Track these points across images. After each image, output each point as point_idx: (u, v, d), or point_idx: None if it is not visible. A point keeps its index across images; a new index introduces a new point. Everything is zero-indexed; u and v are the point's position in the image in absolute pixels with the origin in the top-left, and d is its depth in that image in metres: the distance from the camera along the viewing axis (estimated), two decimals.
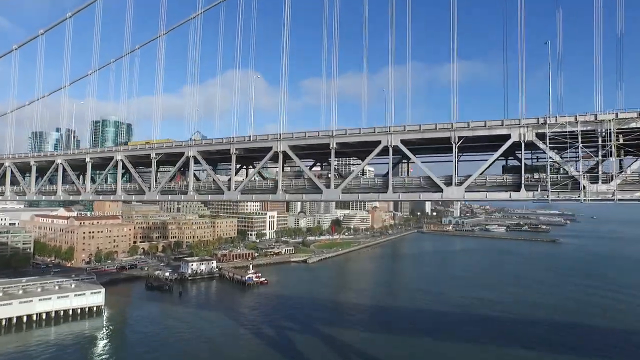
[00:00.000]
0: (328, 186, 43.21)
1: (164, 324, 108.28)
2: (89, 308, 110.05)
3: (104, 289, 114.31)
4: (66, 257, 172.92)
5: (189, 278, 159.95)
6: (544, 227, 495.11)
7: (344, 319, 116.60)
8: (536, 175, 36.56)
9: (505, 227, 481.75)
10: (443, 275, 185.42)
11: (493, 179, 38.53)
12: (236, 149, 47.04)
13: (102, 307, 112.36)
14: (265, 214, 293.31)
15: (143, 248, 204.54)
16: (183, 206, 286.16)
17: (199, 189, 49.96)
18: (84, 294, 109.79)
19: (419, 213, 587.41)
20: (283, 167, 52.22)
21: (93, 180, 58.18)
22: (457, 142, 38.70)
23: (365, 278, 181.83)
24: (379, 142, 41.01)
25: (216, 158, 53.63)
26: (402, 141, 40.41)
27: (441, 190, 38.91)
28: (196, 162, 51.83)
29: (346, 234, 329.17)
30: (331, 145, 42.69)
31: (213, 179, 48.81)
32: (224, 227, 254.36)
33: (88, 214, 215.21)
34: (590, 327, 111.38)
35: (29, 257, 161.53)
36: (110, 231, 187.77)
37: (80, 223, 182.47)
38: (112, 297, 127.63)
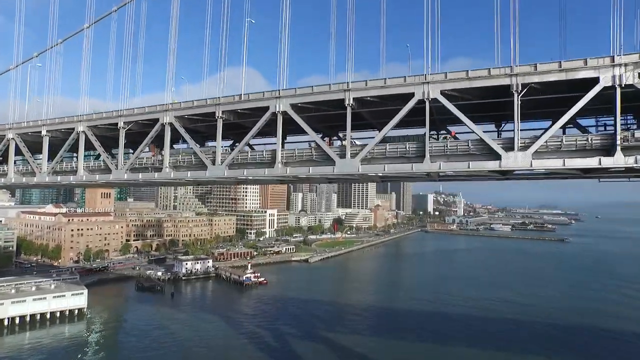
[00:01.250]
0: (343, 156, 32.86)
1: (152, 327, 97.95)
2: (70, 311, 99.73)
3: (86, 290, 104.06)
4: (53, 256, 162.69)
5: (183, 278, 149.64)
6: (549, 226, 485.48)
7: (347, 322, 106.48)
8: (637, 134, 26.20)
9: (510, 226, 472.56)
10: (451, 275, 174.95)
11: (572, 140, 28.05)
12: (223, 112, 36.70)
13: (85, 309, 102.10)
14: (265, 211, 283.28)
15: (136, 247, 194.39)
16: (180, 204, 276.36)
17: (177, 165, 39.65)
18: (64, 295, 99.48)
19: (421, 212, 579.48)
20: (284, 141, 41.95)
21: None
22: (520, 92, 28.30)
23: (370, 278, 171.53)
24: (411, 96, 30.62)
25: (202, 130, 43.16)
26: (444, 94, 30.04)
27: (498, 157, 28.50)
28: (177, 137, 41.67)
29: (348, 232, 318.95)
30: (347, 101, 32.30)
31: (194, 152, 38.35)
32: (222, 225, 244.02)
33: (80, 210, 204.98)
34: (611, 330, 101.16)
35: (11, 256, 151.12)
36: (100, 228, 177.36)
37: (69, 220, 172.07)
38: (98, 298, 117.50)
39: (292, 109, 34.39)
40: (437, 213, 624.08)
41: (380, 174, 33.49)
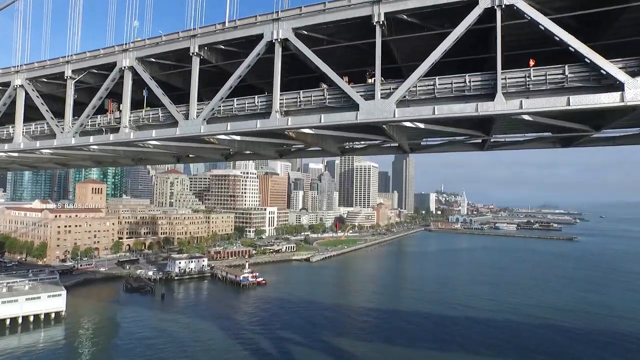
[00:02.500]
0: (370, 97, 22.71)
1: (137, 332, 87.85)
2: (46, 314, 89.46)
3: (65, 291, 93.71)
4: (38, 254, 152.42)
5: (176, 278, 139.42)
6: (555, 225, 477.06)
7: (352, 327, 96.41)
8: None
9: (515, 225, 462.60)
10: (464, 276, 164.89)
11: None
12: (201, 48, 26.61)
13: (63, 313, 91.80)
14: (265, 209, 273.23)
15: (128, 245, 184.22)
16: (176, 200, 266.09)
17: (139, 123, 29.56)
18: (39, 297, 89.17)
19: (423, 212, 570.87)
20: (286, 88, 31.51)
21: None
22: None
23: (375, 279, 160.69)
24: (473, 4, 20.47)
25: (178, 85, 32.62)
26: None
27: (619, 87, 18.41)
28: (147, 96, 31.46)
29: (350, 231, 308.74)
30: (375, 19, 22.12)
31: (162, 105, 28.09)
32: (219, 223, 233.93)
33: (71, 206, 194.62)
34: None
35: None
36: (90, 225, 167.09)
37: (56, 216, 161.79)
38: (80, 300, 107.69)
39: (295, 37, 24.11)
40: (439, 213, 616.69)
41: (423, 125, 23.19)
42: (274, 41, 24.39)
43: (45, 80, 33.81)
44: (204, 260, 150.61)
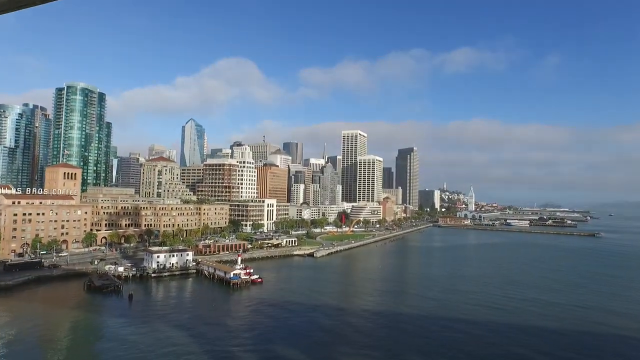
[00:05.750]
0: None
1: (82, 348, 63.06)
2: None
3: None
4: None
5: (153, 275, 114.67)
6: (569, 222, 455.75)
7: (362, 338, 71.62)
8: None
9: (528, 222, 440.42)
10: (492, 275, 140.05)
11: None
12: None
13: None
14: (263, 201, 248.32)
15: (105, 237, 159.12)
16: (164, 191, 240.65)
17: None
18: None
19: (427, 209, 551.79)
20: None
21: None
22: None
23: (385, 277, 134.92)
24: None
25: None
26: None
27: None
28: None
29: (356, 226, 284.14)
30: None
31: None
32: (212, 215, 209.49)
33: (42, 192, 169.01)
34: None
35: None
36: (56, 214, 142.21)
37: (13, 202, 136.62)
38: (18, 304, 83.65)
39: None
40: (443, 209, 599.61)
41: None
42: None
43: None
44: (188, 255, 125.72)
